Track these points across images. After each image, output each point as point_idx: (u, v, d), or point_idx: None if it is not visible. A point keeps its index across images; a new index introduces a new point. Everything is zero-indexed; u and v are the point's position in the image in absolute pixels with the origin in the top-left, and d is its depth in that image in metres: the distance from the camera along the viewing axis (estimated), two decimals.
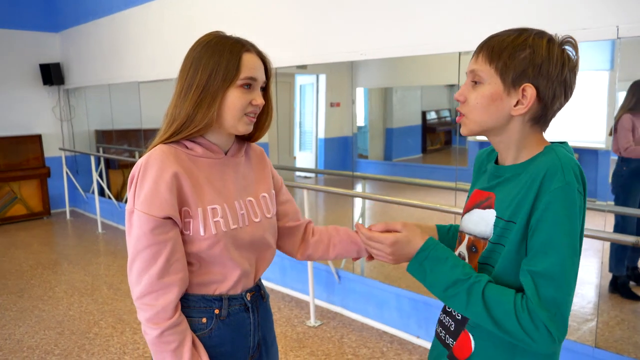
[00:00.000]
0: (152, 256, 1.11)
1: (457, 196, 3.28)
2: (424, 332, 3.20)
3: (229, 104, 1.15)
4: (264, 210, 1.29)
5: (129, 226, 1.14)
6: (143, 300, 1.13)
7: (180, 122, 1.15)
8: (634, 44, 2.40)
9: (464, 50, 2.87)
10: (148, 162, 1.13)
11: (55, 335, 3.40)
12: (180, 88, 1.18)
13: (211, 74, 1.14)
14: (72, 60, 6.92)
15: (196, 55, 1.17)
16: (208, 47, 1.17)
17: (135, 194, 1.13)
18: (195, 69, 1.16)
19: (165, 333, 1.12)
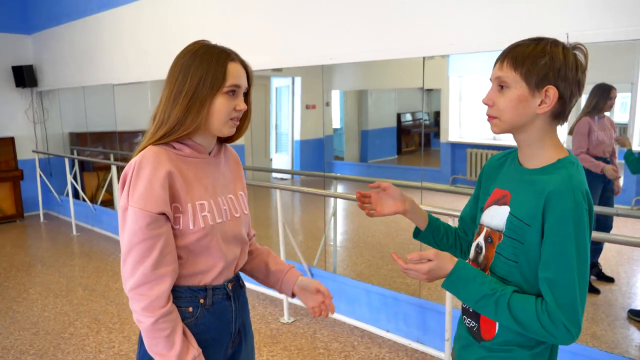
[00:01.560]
0: (147, 249, 1.19)
1: (422, 195, 3.42)
2: (393, 326, 3.33)
3: (216, 109, 1.25)
4: (242, 207, 1.41)
5: (123, 222, 1.21)
6: (138, 290, 1.20)
7: (170, 125, 1.24)
8: (593, 48, 2.56)
9: (427, 55, 3.01)
10: (142, 161, 1.21)
11: (30, 336, 3.42)
12: (169, 93, 1.26)
13: (200, 81, 1.23)
14: (45, 63, 6.88)
15: (185, 62, 1.26)
16: (196, 55, 1.26)
17: (130, 191, 1.20)
18: (184, 76, 1.24)
19: (159, 321, 1.20)
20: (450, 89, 5.23)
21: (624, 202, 3.64)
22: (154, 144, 1.26)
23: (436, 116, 5.72)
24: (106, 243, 5.67)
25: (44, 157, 7.09)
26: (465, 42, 2.80)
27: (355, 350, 3.15)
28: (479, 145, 4.95)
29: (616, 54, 3.38)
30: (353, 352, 3.13)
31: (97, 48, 5.80)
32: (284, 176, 6.85)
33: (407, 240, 4.88)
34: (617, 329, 3.16)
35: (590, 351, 2.53)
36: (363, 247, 5.00)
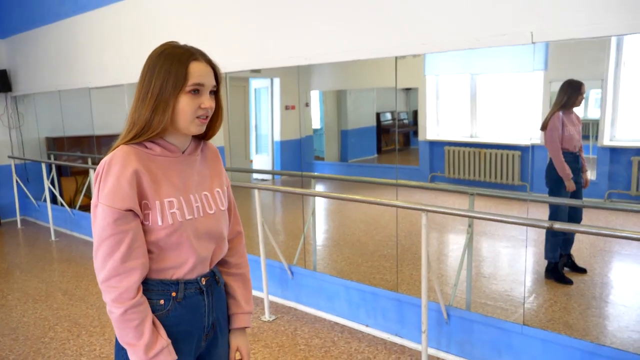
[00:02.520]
0: (116, 244, 1.24)
1: (400, 191, 3.49)
2: (372, 321, 3.39)
3: (180, 109, 1.28)
4: (219, 204, 1.43)
5: (94, 218, 1.27)
6: (108, 283, 1.25)
7: (140, 126, 1.29)
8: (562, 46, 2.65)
9: (399, 54, 3.08)
10: (112, 160, 1.27)
11: (10, 342, 3.40)
12: (138, 95, 1.31)
13: (163, 82, 1.27)
14: (20, 67, 6.80)
15: (151, 64, 1.31)
16: (161, 57, 1.30)
17: (100, 188, 1.26)
18: (150, 78, 1.29)
19: (128, 311, 1.25)
20: (427, 88, 5.32)
21: (597, 195, 3.76)
22: (126, 143, 1.30)
23: (415, 115, 5.81)
24: (85, 248, 5.63)
25: (20, 163, 7.00)
26: (436, 41, 2.88)
27: (335, 345, 3.21)
28: (457, 143, 5.05)
29: (586, 51, 3.50)
30: (333, 347, 3.18)
31: (73, 51, 5.76)
32: (265, 177, 6.87)
33: (385, 238, 4.96)
34: (588, 317, 3.27)
35: (562, 338, 2.62)
36: (343, 245, 5.06)
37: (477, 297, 3.51)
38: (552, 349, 2.63)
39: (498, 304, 3.51)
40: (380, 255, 4.53)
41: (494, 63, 4.51)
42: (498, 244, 4.60)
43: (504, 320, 2.86)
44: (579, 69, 3.69)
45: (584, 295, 3.55)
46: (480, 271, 4.02)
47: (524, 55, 2.96)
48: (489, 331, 2.85)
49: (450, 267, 4.23)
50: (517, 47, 2.63)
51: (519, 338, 2.74)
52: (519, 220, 2.46)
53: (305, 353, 3.12)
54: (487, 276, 4.01)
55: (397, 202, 2.92)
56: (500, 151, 4.63)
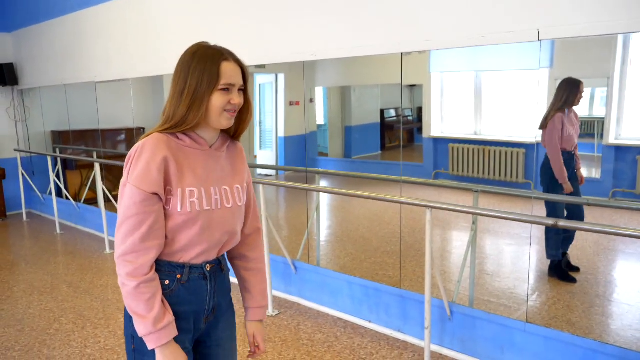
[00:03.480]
0: (138, 223, 1.33)
1: (404, 188, 3.50)
2: (375, 317, 3.40)
3: (213, 105, 1.38)
4: (237, 199, 1.50)
5: (121, 196, 1.36)
6: (125, 257, 1.34)
7: (176, 120, 1.38)
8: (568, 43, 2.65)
9: (405, 51, 3.08)
10: (145, 145, 1.36)
11: (15, 333, 3.43)
12: (174, 91, 1.40)
13: (198, 81, 1.36)
14: (26, 61, 6.82)
15: (185, 63, 1.40)
16: (195, 56, 1.40)
17: (130, 170, 1.35)
18: (185, 76, 1.38)
19: (141, 285, 1.34)
20: (432, 85, 5.31)
21: (601, 194, 3.76)
22: (160, 132, 1.40)
23: (419, 112, 5.81)
24: (90, 241, 5.66)
25: (26, 156, 7.03)
26: (442, 38, 2.88)
27: (338, 340, 3.22)
28: (461, 140, 5.05)
29: (592, 48, 3.49)
30: (336, 342, 3.20)
31: (78, 45, 5.78)
32: (269, 172, 6.89)
33: (389, 234, 4.97)
34: (592, 315, 3.27)
35: (565, 336, 2.62)
36: (347, 241, 5.07)
37: (480, 294, 3.51)
38: (555, 347, 2.63)
39: (501, 301, 3.52)
40: (384, 252, 4.54)
41: (499, 60, 4.50)
42: (501, 242, 4.60)
43: (507, 318, 2.86)
44: (584, 67, 3.68)
45: (587, 293, 3.55)
46: (484, 268, 4.03)
47: (529, 53, 2.95)
48: (491, 328, 2.86)
49: (453, 264, 4.24)
50: (523, 45, 2.62)
51: (522, 335, 2.75)
52: (524, 218, 2.46)
53: (308, 348, 3.13)
54: (491, 273, 4.02)
55: (401, 198, 2.93)
56: (504, 149, 4.63)
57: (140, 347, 1.41)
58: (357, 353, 3.06)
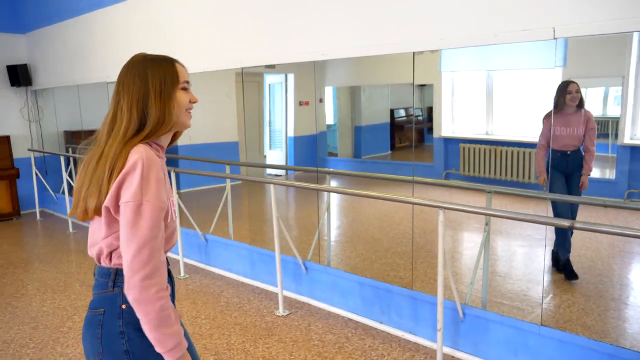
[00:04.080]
0: (159, 243, 1.29)
1: (415, 188, 3.47)
2: (386, 318, 3.38)
3: (178, 103, 1.39)
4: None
5: (137, 216, 1.26)
6: (152, 280, 1.27)
7: (153, 124, 1.34)
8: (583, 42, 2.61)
9: (417, 50, 3.06)
10: (149, 160, 1.30)
11: (30, 330, 3.46)
12: (130, 99, 1.35)
13: (161, 80, 1.36)
14: (39, 62, 6.89)
15: (137, 71, 1.37)
16: (146, 62, 1.39)
17: (143, 188, 1.27)
18: (142, 81, 1.36)
19: (165, 299, 1.30)
20: (443, 84, 5.28)
21: (616, 195, 3.71)
22: (142, 142, 1.35)
23: (429, 111, 5.77)
24: None
25: (39, 156, 7.11)
26: (455, 37, 2.85)
27: (349, 341, 3.21)
28: (472, 140, 5.00)
29: (607, 47, 3.44)
30: (347, 343, 3.19)
31: (91, 46, 5.82)
32: (279, 172, 6.89)
33: (399, 235, 4.94)
34: (607, 319, 3.22)
35: (581, 340, 2.59)
36: (357, 242, 5.05)
37: (492, 296, 3.48)
38: (570, 351, 2.60)
39: (514, 303, 3.48)
40: (394, 253, 4.51)
41: (511, 59, 4.45)
42: (513, 243, 4.55)
43: (521, 320, 2.83)
44: (598, 66, 3.63)
45: (602, 296, 3.50)
46: (496, 270, 3.99)
47: (542, 51, 2.91)
48: (505, 331, 2.83)
49: (464, 266, 4.20)
50: (536, 43, 2.59)
51: (536, 339, 2.71)
52: (539, 219, 2.43)
53: (319, 348, 3.12)
54: (503, 275, 3.98)
55: (414, 198, 2.91)
56: (516, 149, 4.58)
57: (139, 355, 1.35)
58: (368, 354, 3.04)
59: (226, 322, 3.51)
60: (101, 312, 1.37)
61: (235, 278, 4.37)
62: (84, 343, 1.42)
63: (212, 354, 3.07)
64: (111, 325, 1.35)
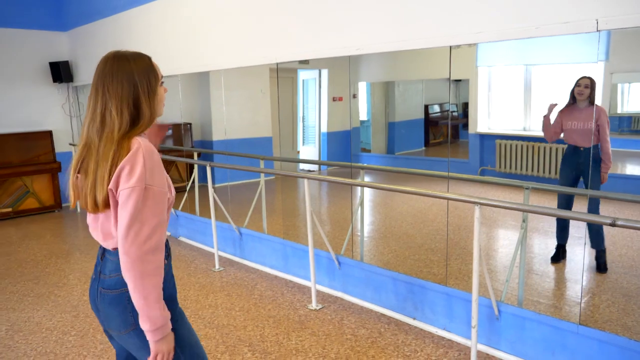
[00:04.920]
0: (163, 220, 1.44)
1: (449, 184, 3.43)
2: (420, 314, 3.36)
3: (159, 97, 1.55)
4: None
5: (144, 199, 1.39)
6: (155, 254, 1.41)
7: (146, 119, 1.49)
8: (628, 34, 2.52)
9: (454, 44, 3.01)
10: (147, 150, 1.42)
11: (71, 318, 3.59)
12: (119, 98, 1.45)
13: (149, 79, 1.49)
14: (80, 58, 7.11)
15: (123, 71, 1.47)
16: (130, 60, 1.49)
17: (147, 174, 1.40)
18: (131, 82, 1.46)
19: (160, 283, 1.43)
20: (479, 79, 5.19)
21: None
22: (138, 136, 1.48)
23: (464, 107, 5.69)
24: None
25: None
26: (493, 30, 2.80)
27: (382, 336, 3.20)
28: (509, 137, 4.91)
29: None
30: (380, 338, 3.18)
31: (128, 44, 5.96)
32: (312, 168, 6.92)
33: (433, 231, 4.90)
34: None
35: (621, 340, 2.51)
36: (390, 238, 5.03)
37: (529, 294, 3.41)
38: (610, 351, 2.53)
39: (551, 302, 3.41)
40: (428, 249, 4.48)
41: (551, 53, 4.34)
42: (550, 242, 4.45)
43: (559, 319, 2.77)
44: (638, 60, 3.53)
45: None
46: (533, 268, 3.91)
47: (583, 45, 2.82)
48: (542, 329, 2.78)
49: (499, 263, 4.13)
50: (576, 37, 2.52)
51: (575, 338, 2.65)
52: (578, 216, 2.37)
53: (351, 342, 3.13)
54: (540, 274, 3.90)
55: (449, 194, 2.88)
56: (554, 145, 4.46)
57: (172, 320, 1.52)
58: (401, 350, 3.03)
59: (260, 315, 3.56)
60: (126, 290, 1.47)
61: (269, 271, 4.42)
62: (111, 321, 1.53)
63: (246, 345, 3.12)
64: None
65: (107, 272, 1.52)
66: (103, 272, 1.53)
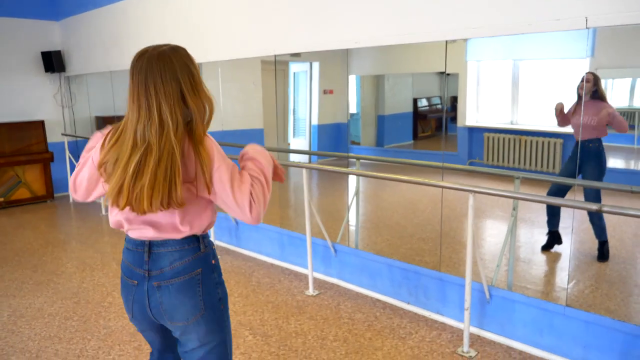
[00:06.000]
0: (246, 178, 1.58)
1: (443, 174, 3.56)
2: (414, 298, 3.50)
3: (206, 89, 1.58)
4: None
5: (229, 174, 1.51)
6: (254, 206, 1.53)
7: (201, 113, 1.50)
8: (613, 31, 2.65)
9: (450, 38, 3.13)
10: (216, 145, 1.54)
11: (72, 304, 3.66)
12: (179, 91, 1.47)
13: (191, 72, 1.50)
14: (73, 48, 7.09)
15: (180, 61, 1.48)
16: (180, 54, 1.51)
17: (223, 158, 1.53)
18: (188, 72, 1.49)
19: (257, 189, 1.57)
20: (468, 74, 5.31)
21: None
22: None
23: (453, 101, 5.81)
24: None
25: (72, 140, 7.33)
26: (487, 25, 2.91)
27: (377, 320, 3.33)
28: (497, 130, 5.04)
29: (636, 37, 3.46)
30: (376, 321, 3.31)
31: (124, 34, 5.98)
32: (302, 160, 6.99)
33: (424, 222, 5.03)
34: (630, 304, 3.30)
35: (605, 320, 2.66)
36: (382, 227, 5.16)
37: (517, 281, 3.56)
38: (596, 331, 2.68)
39: (538, 288, 3.56)
40: (419, 238, 4.61)
41: (538, 49, 4.48)
42: (537, 231, 4.61)
43: (547, 301, 2.92)
44: (627, 56, 3.65)
45: (626, 283, 3.57)
46: (520, 257, 4.07)
47: (569, 41, 2.95)
48: (531, 311, 2.92)
49: (488, 252, 4.28)
50: (564, 33, 2.64)
51: (561, 319, 2.80)
52: (568, 203, 2.51)
53: (349, 326, 3.25)
54: (527, 261, 4.05)
55: (444, 183, 3.00)
56: (541, 138, 4.61)
57: (225, 298, 1.65)
58: (396, 332, 3.16)
59: (258, 300, 3.66)
60: (199, 272, 1.56)
61: (265, 260, 4.52)
62: (179, 309, 1.56)
63: (247, 329, 3.23)
64: (209, 280, 1.58)
65: (166, 264, 1.55)
66: (159, 267, 1.56)
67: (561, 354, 2.81)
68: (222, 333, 1.64)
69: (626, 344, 2.58)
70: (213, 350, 1.63)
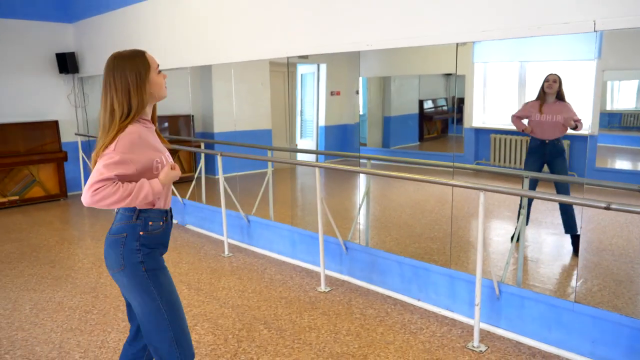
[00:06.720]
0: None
1: (443, 175, 3.64)
2: (424, 295, 3.57)
3: (157, 84, 1.90)
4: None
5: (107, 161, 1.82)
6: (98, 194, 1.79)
7: (136, 109, 1.83)
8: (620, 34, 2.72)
9: (461, 41, 3.21)
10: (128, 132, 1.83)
11: (92, 299, 3.75)
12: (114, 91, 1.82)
13: (137, 73, 1.83)
14: (86, 50, 7.21)
15: (118, 66, 1.83)
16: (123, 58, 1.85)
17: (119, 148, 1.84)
18: (121, 76, 1.82)
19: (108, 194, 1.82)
20: (475, 75, 5.37)
21: None
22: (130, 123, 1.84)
23: (459, 102, 5.88)
24: None
25: (85, 140, 7.45)
26: (497, 28, 2.99)
27: (389, 315, 3.41)
28: (503, 131, 5.11)
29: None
30: (387, 317, 3.39)
31: (136, 36, 6.08)
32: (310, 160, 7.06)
33: (432, 222, 5.10)
34: (638, 302, 3.35)
35: (614, 316, 2.73)
36: (391, 227, 5.23)
37: (525, 279, 3.63)
38: (604, 326, 2.75)
39: (546, 286, 3.63)
40: (427, 238, 4.68)
41: (545, 51, 4.55)
42: (544, 231, 4.68)
43: (556, 297, 2.99)
44: (633, 59, 3.72)
45: (633, 282, 3.63)
46: (529, 255, 4.14)
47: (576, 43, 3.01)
48: (540, 307, 2.99)
49: (496, 251, 4.35)
50: (571, 35, 2.72)
51: (570, 315, 2.87)
52: (576, 200, 2.59)
53: (360, 321, 3.33)
54: (535, 260, 4.13)
55: (454, 181, 3.08)
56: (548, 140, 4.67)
57: (150, 265, 1.89)
58: (407, 327, 3.24)
59: (272, 296, 3.75)
60: (124, 235, 1.88)
61: (277, 257, 4.61)
62: (107, 260, 1.92)
63: (262, 323, 3.31)
64: (130, 245, 1.87)
65: (117, 220, 1.92)
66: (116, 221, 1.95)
67: (570, 349, 2.88)
68: (150, 297, 1.88)
69: (633, 339, 2.65)
70: (149, 317, 1.90)
